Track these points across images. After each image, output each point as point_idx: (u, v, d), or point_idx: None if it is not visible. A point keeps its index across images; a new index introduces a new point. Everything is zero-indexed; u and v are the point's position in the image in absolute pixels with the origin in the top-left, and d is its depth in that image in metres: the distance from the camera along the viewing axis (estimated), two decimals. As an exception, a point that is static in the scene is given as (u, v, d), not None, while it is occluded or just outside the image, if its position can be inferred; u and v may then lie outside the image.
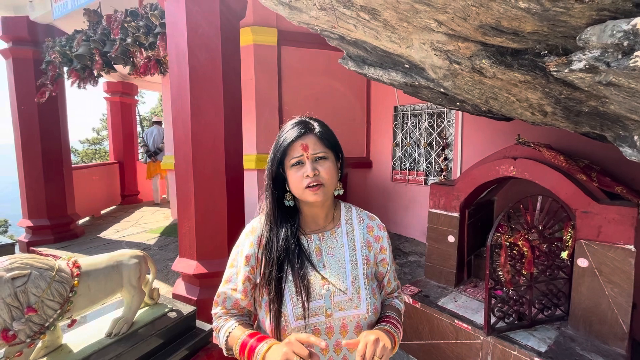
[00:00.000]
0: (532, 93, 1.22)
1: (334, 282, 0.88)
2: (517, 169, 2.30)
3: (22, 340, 1.26)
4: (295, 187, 0.89)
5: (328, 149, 0.92)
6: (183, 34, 2.33)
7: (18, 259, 1.31)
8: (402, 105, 4.24)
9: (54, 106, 4.47)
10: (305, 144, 0.88)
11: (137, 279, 1.72)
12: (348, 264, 0.91)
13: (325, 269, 0.90)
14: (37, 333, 1.32)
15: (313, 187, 0.86)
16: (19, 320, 1.25)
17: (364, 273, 0.92)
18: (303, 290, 0.84)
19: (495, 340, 2.06)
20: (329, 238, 0.94)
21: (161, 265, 3.51)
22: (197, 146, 2.42)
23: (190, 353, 1.91)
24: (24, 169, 4.40)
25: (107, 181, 6.81)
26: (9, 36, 4.22)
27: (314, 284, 0.87)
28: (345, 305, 0.87)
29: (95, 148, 17.85)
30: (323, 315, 0.85)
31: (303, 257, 0.88)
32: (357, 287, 0.89)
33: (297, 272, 0.85)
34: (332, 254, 0.92)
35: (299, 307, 0.83)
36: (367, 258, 0.95)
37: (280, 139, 0.90)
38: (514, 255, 2.08)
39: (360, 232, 0.97)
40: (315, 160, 0.88)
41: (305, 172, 0.86)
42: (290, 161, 0.88)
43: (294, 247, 0.88)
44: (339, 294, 0.87)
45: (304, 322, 0.83)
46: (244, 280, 0.90)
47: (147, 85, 8.08)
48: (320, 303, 0.85)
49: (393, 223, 4.44)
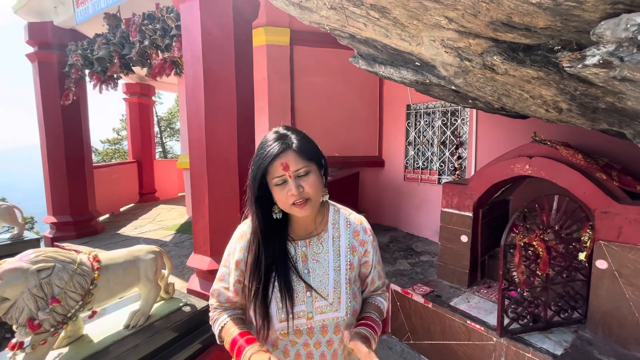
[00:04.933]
0: (547, 89, 1.19)
1: (317, 288, 0.92)
2: (533, 168, 2.25)
3: (46, 329, 1.33)
4: (282, 204, 0.89)
5: (309, 161, 0.89)
6: (197, 36, 2.39)
7: (43, 252, 1.39)
8: (415, 104, 4.20)
9: (76, 108, 4.65)
10: (286, 163, 0.85)
11: (154, 273, 1.78)
12: (331, 270, 0.94)
13: (310, 275, 0.94)
14: (61, 323, 1.38)
15: (299, 204, 0.86)
16: (43, 310, 1.31)
17: (347, 277, 0.95)
18: (287, 297, 0.89)
19: (508, 342, 2.02)
20: (316, 243, 0.96)
21: (177, 261, 3.60)
22: (211, 146, 2.48)
23: (204, 347, 1.96)
24: (49, 168, 4.60)
25: (126, 180, 7.03)
26: (34, 41, 4.41)
27: (298, 291, 0.91)
28: (325, 309, 0.92)
29: (115, 148, 18.42)
30: (305, 318, 0.91)
31: (288, 267, 0.92)
32: (339, 292, 0.93)
33: (282, 281, 0.90)
34: (317, 260, 0.95)
35: (283, 311, 0.88)
36: (351, 262, 0.97)
37: (259, 158, 0.87)
38: (529, 256, 2.03)
39: (346, 236, 0.98)
40: (297, 177, 0.87)
41: (290, 191, 0.85)
42: (272, 180, 0.87)
43: (280, 258, 0.92)
44: (320, 299, 0.92)
45: (287, 324, 0.89)
46: (235, 282, 0.95)
47: (164, 86, 8.28)
48: (302, 308, 0.91)
49: (405, 222, 4.41)
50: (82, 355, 1.48)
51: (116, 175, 6.69)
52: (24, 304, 1.27)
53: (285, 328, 0.88)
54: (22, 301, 1.27)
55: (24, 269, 1.28)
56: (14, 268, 1.26)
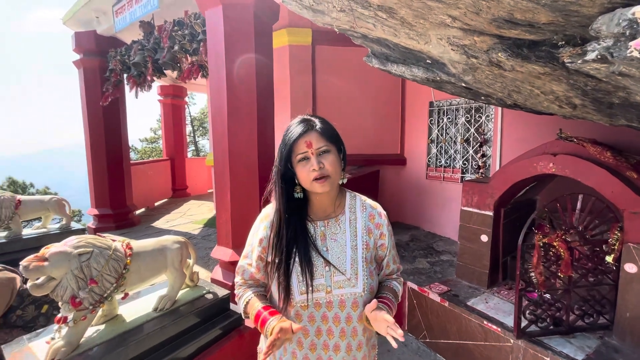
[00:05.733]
0: (557, 85, 1.16)
1: (335, 264, 0.98)
2: (557, 166, 2.16)
3: (86, 307, 1.51)
4: (304, 180, 0.98)
5: (330, 142, 0.98)
6: (220, 40, 2.53)
7: (83, 239, 1.56)
8: (438, 101, 4.12)
9: (115, 109, 5.04)
10: (309, 141, 0.95)
11: (179, 261, 1.93)
12: (349, 248, 1.01)
13: (328, 252, 1.00)
14: (98, 302, 1.55)
15: (320, 179, 0.95)
16: (83, 290, 1.49)
17: (363, 256, 1.01)
18: (307, 270, 0.95)
19: (526, 345, 1.97)
20: (334, 225, 1.03)
21: (202, 253, 3.81)
22: (233, 143, 2.61)
23: (224, 333, 2.09)
24: (92, 165, 5.02)
25: (160, 176, 7.47)
26: (80, 49, 4.82)
27: (317, 265, 0.98)
28: (343, 284, 0.97)
29: (152, 146, 19.53)
30: (323, 291, 0.97)
31: (308, 243, 0.99)
32: (356, 269, 0.98)
33: (302, 255, 0.97)
34: (334, 239, 1.02)
35: (303, 284, 0.95)
36: (367, 243, 1.03)
37: (286, 138, 0.98)
38: (550, 257, 1.97)
39: (362, 219, 1.05)
40: (319, 154, 0.96)
41: (312, 167, 0.94)
42: (296, 157, 0.97)
43: (301, 235, 0.99)
44: (338, 274, 0.97)
45: (307, 296, 0.95)
46: (257, 259, 1.04)
47: (196, 88, 8.68)
48: (321, 281, 0.97)
49: (427, 221, 4.34)
50: (116, 332, 1.65)
51: (151, 172, 7.13)
52: (67, 284, 1.45)
53: (305, 300, 0.95)
54: (66, 281, 1.44)
55: (68, 252, 1.45)
56: (60, 251, 1.44)
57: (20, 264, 1.33)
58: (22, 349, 1.53)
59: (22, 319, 1.88)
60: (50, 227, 3.65)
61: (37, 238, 3.33)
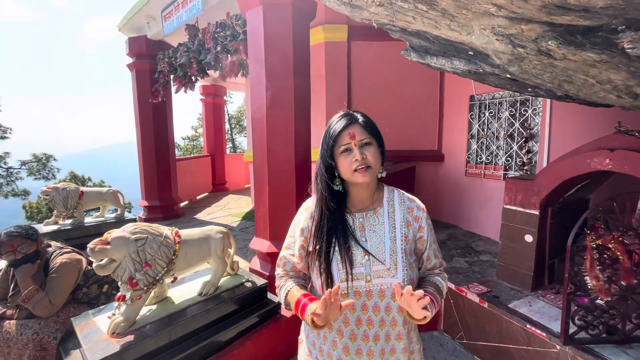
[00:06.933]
0: (615, 73, 1.08)
1: (374, 253, 1.00)
2: (615, 162, 1.99)
3: (141, 288, 1.66)
4: (345, 170, 1.01)
5: (371, 135, 1.02)
6: (260, 39, 2.62)
7: (139, 226, 1.72)
8: (479, 94, 3.93)
9: (163, 108, 5.41)
10: (353, 133, 0.99)
11: (222, 250, 2.05)
12: (387, 239, 1.02)
13: (367, 242, 1.02)
14: (151, 283, 1.70)
15: (361, 169, 0.98)
16: (139, 272, 1.64)
17: (402, 248, 1.01)
18: (347, 259, 0.98)
19: (574, 352, 1.85)
20: (372, 216, 1.05)
21: (241, 244, 3.99)
22: (271, 140, 2.71)
23: (261, 320, 2.19)
24: (142, 160, 5.44)
25: (201, 171, 7.90)
26: (133, 52, 5.23)
27: (356, 254, 1.00)
28: (383, 273, 0.98)
29: (193, 144, 20.62)
30: (363, 280, 0.98)
31: (347, 233, 1.02)
32: (395, 259, 0.99)
33: (342, 245, 1.00)
34: (373, 230, 1.03)
35: (343, 272, 0.98)
36: (406, 235, 1.03)
37: (330, 130, 1.02)
38: (604, 261, 1.82)
39: (401, 212, 1.06)
40: (361, 146, 0.99)
41: (354, 157, 0.97)
42: (339, 148, 1.00)
43: (340, 225, 1.02)
44: (377, 263, 0.99)
45: (347, 284, 0.97)
46: (299, 248, 1.08)
47: (234, 87, 9.04)
48: (361, 270, 0.98)
49: (466, 220, 4.18)
50: (166, 312, 1.81)
51: (193, 167, 7.55)
52: (125, 265, 1.61)
53: (345, 288, 0.98)
54: (124, 263, 1.60)
55: (126, 237, 1.61)
56: (120, 236, 1.60)
57: (87, 246, 1.50)
58: (87, 322, 1.73)
59: (87, 296, 2.11)
60: (107, 216, 4.02)
61: (96, 226, 3.69)
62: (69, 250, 2.15)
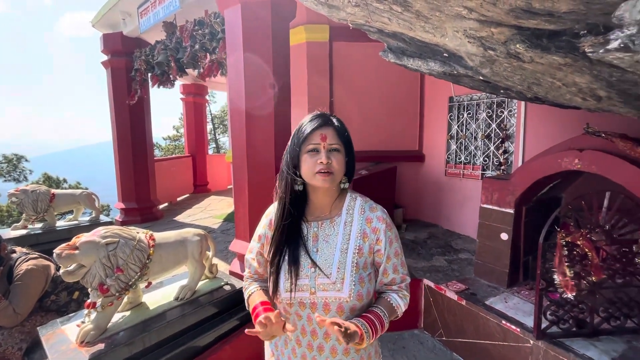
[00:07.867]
0: (580, 77, 1.12)
1: (321, 266, 0.98)
2: (583, 162, 2.07)
3: (113, 294, 1.60)
4: (307, 171, 0.97)
5: (342, 143, 1.00)
6: (239, 38, 2.59)
7: (110, 229, 1.65)
8: (458, 96, 4.02)
9: (140, 108, 5.25)
10: (325, 135, 0.97)
11: (199, 253, 2.00)
12: (338, 251, 0.99)
13: (318, 253, 1.00)
14: (123, 289, 1.64)
15: (323, 173, 0.95)
16: (110, 277, 1.57)
17: (353, 261, 0.98)
18: (293, 269, 0.98)
19: (547, 346, 1.91)
20: (328, 226, 1.03)
21: (222, 246, 3.92)
22: (251, 139, 2.67)
23: (241, 323, 2.15)
24: (119, 160, 5.26)
25: (182, 172, 7.71)
26: (108, 50, 5.05)
27: (303, 265, 0.99)
28: (328, 287, 0.96)
29: (175, 144, 20.15)
30: (308, 292, 0.97)
31: (300, 242, 1.01)
32: (342, 273, 0.96)
33: (291, 254, 0.99)
34: (327, 241, 1.01)
35: (288, 283, 0.98)
36: (360, 247, 1.00)
37: (303, 127, 0.99)
38: (573, 257, 1.89)
39: (359, 222, 1.02)
40: (329, 150, 0.97)
41: (320, 159, 0.95)
42: (307, 147, 0.97)
43: (293, 234, 1.01)
44: (322, 276, 0.97)
45: (291, 294, 0.97)
46: (257, 254, 1.09)
47: (216, 86, 8.88)
48: (305, 282, 0.97)
49: (446, 219, 4.26)
50: (140, 318, 1.75)
51: (174, 168, 7.37)
52: (95, 271, 1.54)
53: (289, 298, 0.97)
54: (94, 268, 1.54)
55: (96, 242, 1.54)
56: (89, 241, 1.53)
57: (54, 252, 1.43)
58: (55, 331, 1.65)
59: (55, 303, 2.02)
60: (81, 219, 3.86)
61: (68, 230, 3.54)
62: (35, 257, 2.04)
